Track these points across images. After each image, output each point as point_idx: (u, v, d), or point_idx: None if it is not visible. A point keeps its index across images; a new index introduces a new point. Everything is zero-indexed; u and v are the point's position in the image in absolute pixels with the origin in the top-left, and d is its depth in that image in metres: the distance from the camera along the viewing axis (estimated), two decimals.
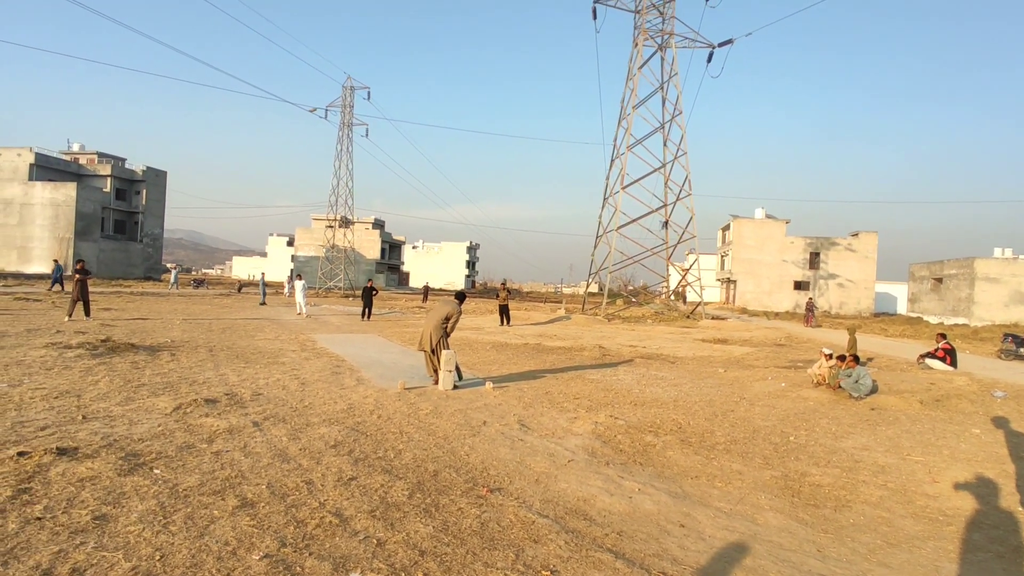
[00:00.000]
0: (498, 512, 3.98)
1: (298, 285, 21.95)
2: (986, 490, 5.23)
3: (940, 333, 13.54)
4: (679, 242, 31.70)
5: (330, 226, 56.82)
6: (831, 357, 10.08)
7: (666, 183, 31.44)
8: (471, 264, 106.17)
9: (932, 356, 12.84)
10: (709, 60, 31.89)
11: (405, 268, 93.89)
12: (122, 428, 5.27)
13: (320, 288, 52.64)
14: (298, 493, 4.03)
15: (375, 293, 22.19)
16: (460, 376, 8.61)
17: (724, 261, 57.57)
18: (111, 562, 2.91)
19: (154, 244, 56.21)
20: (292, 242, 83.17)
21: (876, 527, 4.34)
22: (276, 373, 8.74)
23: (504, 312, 21.27)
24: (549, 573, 3.17)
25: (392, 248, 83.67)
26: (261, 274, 30.97)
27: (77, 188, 46.02)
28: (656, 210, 31.36)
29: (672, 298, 34.56)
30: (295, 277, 24.85)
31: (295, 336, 14.10)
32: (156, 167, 56.33)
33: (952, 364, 12.45)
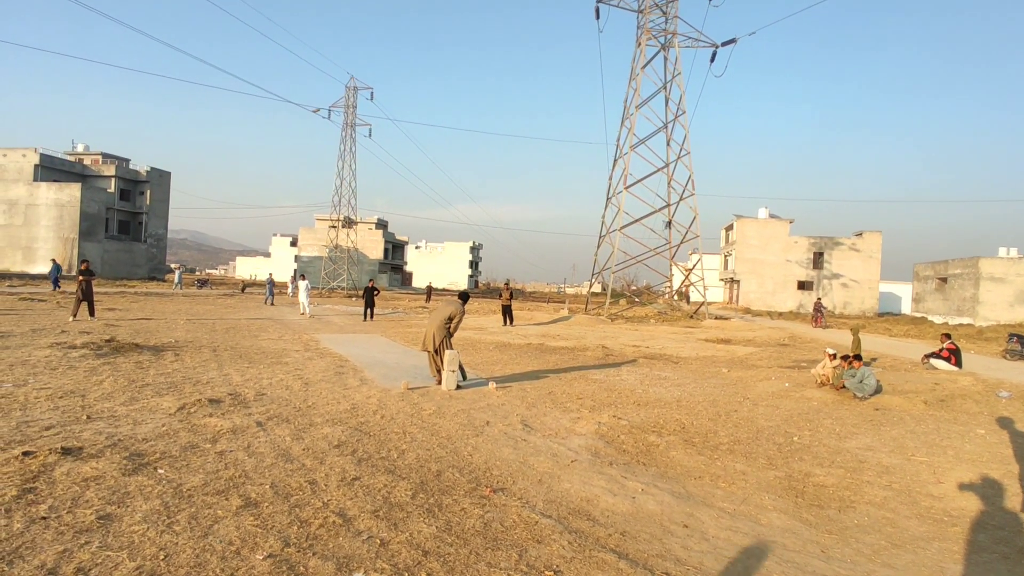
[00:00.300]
0: (501, 512, 3.98)
1: (302, 285, 22.02)
2: (991, 491, 5.20)
3: (944, 333, 13.49)
4: (682, 242, 31.67)
5: (333, 226, 56.96)
6: (835, 357, 10.05)
7: (669, 183, 31.40)
8: (474, 264, 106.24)
9: (937, 356, 12.79)
10: (712, 59, 31.90)
11: (408, 268, 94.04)
12: (126, 428, 5.29)
13: (323, 288, 52.79)
14: (301, 493, 4.04)
15: (376, 293, 22.20)
16: (464, 376, 8.61)
17: (727, 261, 57.44)
18: (116, 562, 2.92)
19: (158, 244, 56.47)
20: (295, 242, 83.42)
21: (880, 528, 4.32)
22: (279, 373, 8.76)
23: (507, 312, 21.26)
24: (552, 573, 3.17)
25: (395, 248, 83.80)
26: (269, 275, 31.14)
27: (81, 189, 46.27)
28: (659, 210, 31.33)
29: (675, 298, 34.49)
30: (299, 277, 24.94)
31: (298, 336, 14.14)
32: (160, 168, 56.62)
33: (957, 364, 12.40)
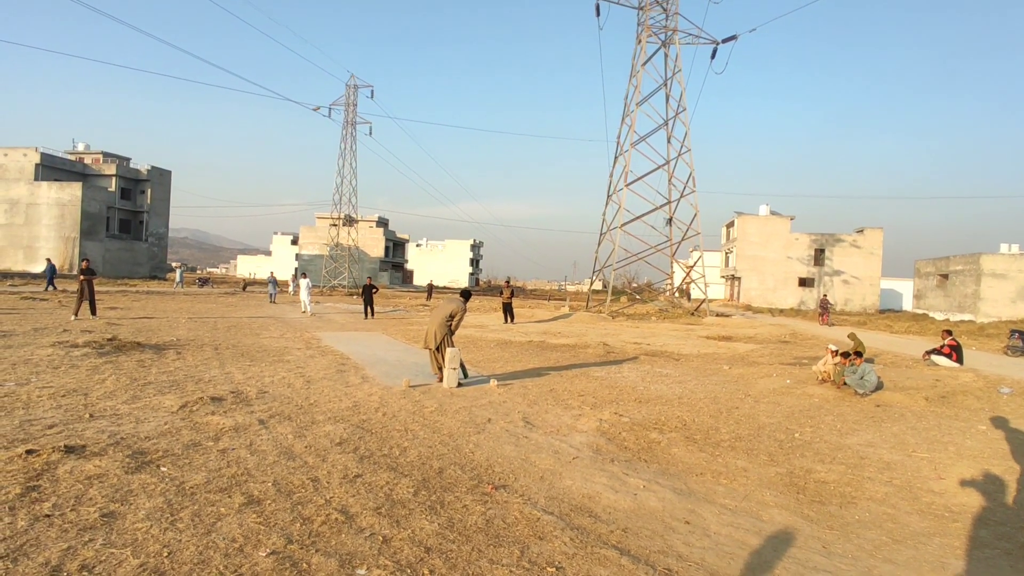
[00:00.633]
0: (503, 509, 3.99)
1: (303, 283, 22.06)
2: (992, 487, 5.21)
3: (946, 329, 13.48)
4: (683, 239, 31.62)
5: (334, 224, 56.98)
6: (837, 354, 10.05)
7: (670, 180, 31.34)
8: (475, 262, 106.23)
9: (938, 352, 12.78)
10: (713, 56, 31.78)
11: (409, 266, 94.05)
12: (129, 426, 5.31)
13: (324, 286, 52.84)
14: (304, 490, 4.05)
15: (375, 291, 22.21)
16: (465, 374, 8.62)
17: (728, 258, 57.38)
18: (119, 559, 2.94)
19: (159, 243, 56.49)
20: (296, 241, 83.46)
21: (881, 523, 4.32)
22: (281, 371, 8.77)
23: (508, 310, 21.27)
24: (554, 570, 3.18)
25: (396, 246, 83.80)
26: (270, 273, 31.22)
27: (82, 188, 46.28)
28: (660, 207, 31.28)
29: (676, 295, 34.48)
30: (300, 275, 24.97)
31: (300, 334, 14.16)
32: (161, 166, 56.59)
33: (958, 360, 12.39)
